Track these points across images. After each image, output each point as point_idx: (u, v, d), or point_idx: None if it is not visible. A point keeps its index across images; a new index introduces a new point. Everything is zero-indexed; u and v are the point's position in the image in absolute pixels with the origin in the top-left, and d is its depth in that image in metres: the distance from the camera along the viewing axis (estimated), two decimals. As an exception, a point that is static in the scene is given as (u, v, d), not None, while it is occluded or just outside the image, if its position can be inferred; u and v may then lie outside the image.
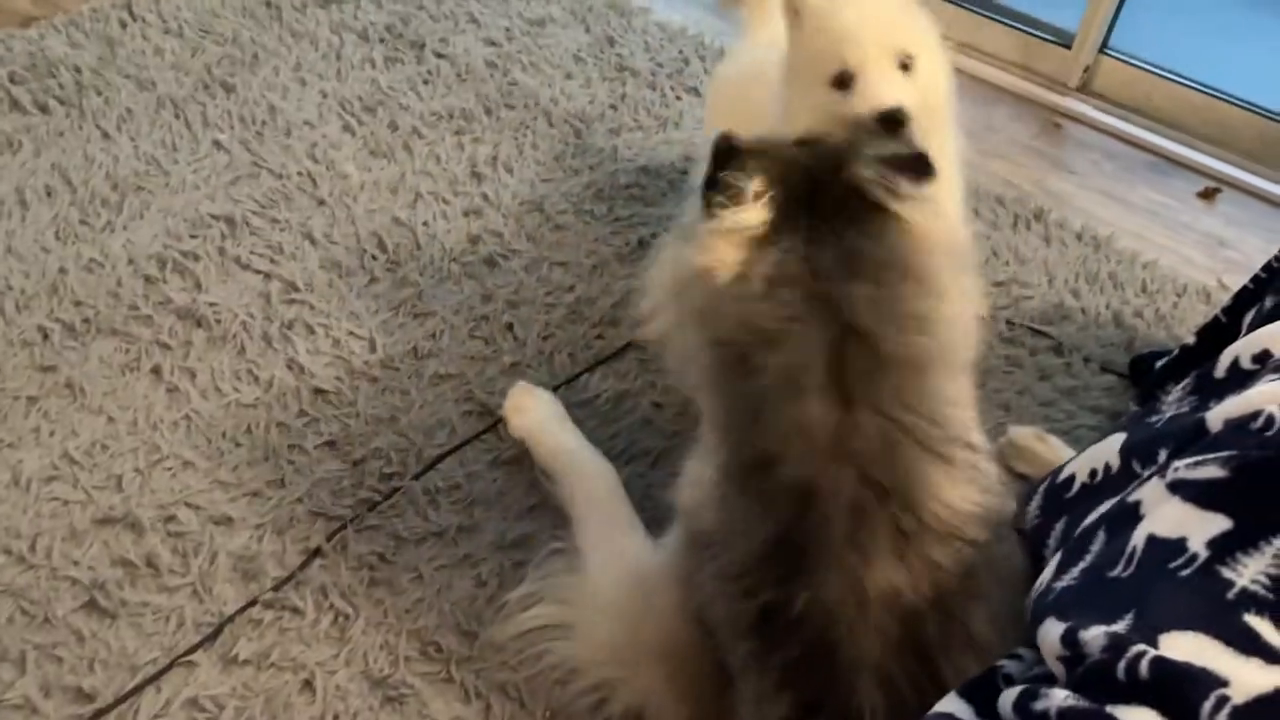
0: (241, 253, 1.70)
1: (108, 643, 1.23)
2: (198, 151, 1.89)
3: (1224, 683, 0.71)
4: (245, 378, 1.53)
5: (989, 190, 1.94)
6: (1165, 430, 0.99)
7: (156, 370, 1.52)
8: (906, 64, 1.28)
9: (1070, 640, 0.78)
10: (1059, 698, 0.74)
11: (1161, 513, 0.86)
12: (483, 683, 1.21)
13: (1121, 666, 0.73)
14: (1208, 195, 2.04)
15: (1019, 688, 0.78)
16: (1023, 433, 1.45)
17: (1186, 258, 1.89)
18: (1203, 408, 0.96)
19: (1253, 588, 0.77)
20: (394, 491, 1.39)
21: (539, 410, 1.44)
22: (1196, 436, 0.92)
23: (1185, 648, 0.74)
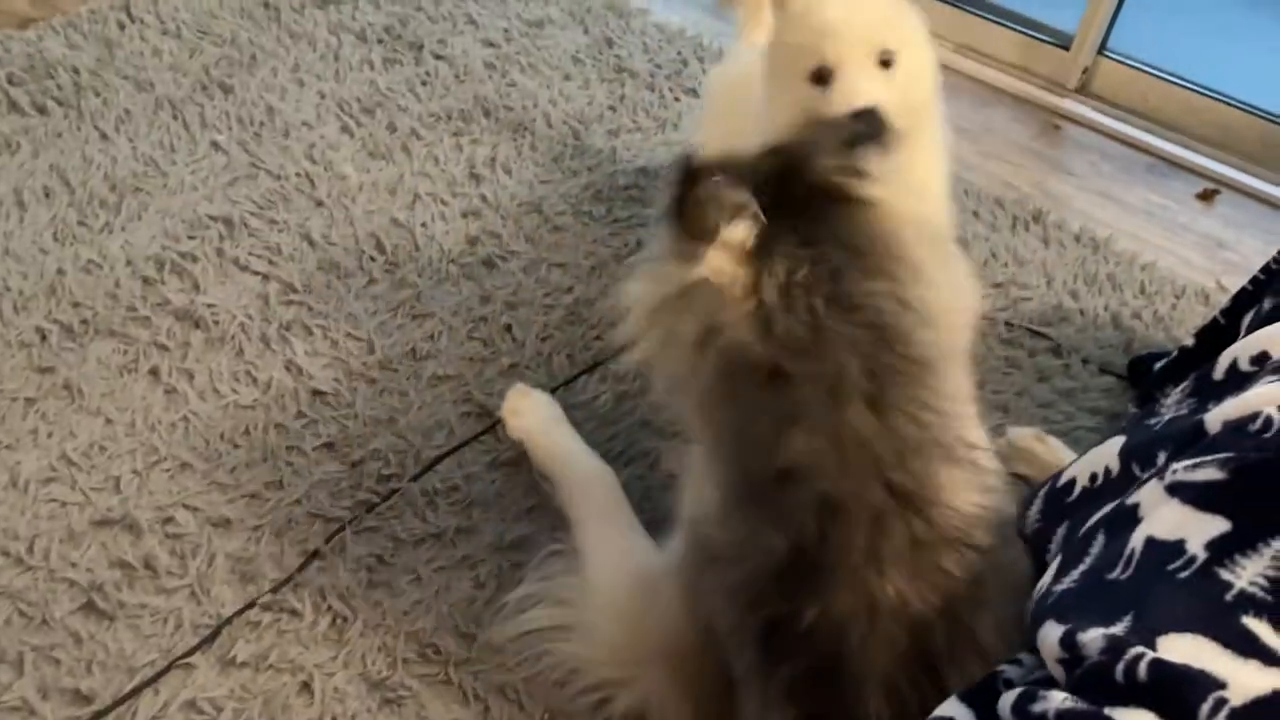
0: (240, 254, 1.70)
1: (105, 644, 1.22)
2: (196, 152, 1.89)
3: (1222, 685, 0.71)
4: (243, 379, 1.52)
5: (988, 192, 1.94)
6: (1164, 433, 0.99)
7: (154, 371, 1.52)
8: (888, 61, 1.27)
9: (1069, 643, 0.78)
10: (1057, 700, 0.74)
11: (1160, 515, 0.86)
12: (481, 684, 1.21)
13: (1120, 668, 0.73)
14: (1206, 197, 2.04)
15: (1018, 690, 0.78)
16: (1022, 434, 1.45)
17: (1185, 259, 1.89)
18: (1201, 410, 0.96)
19: (1251, 590, 0.76)
20: (392, 493, 1.39)
21: (537, 412, 1.44)
22: (1195, 438, 0.91)
23: (1183, 650, 0.74)
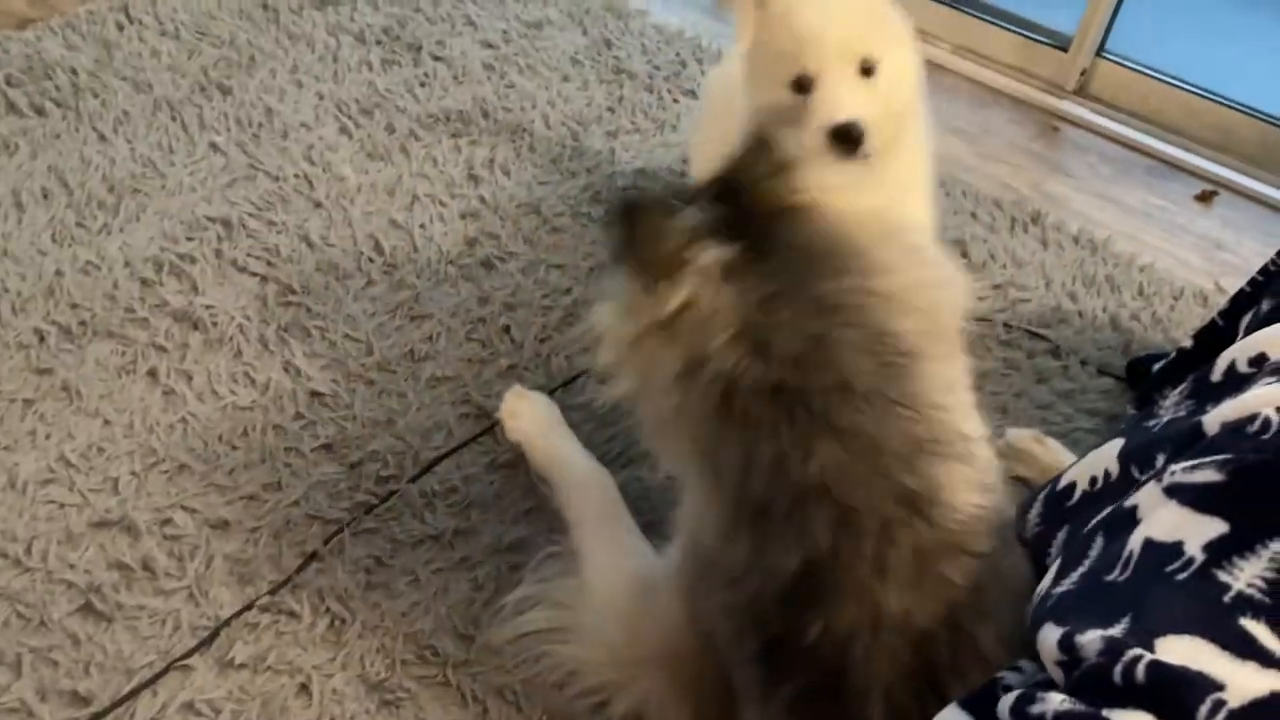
0: (238, 255, 1.70)
1: (104, 646, 1.22)
2: (194, 154, 1.89)
3: (1220, 686, 0.71)
4: (241, 380, 1.52)
5: (986, 193, 1.95)
6: (1163, 435, 0.99)
7: (153, 373, 1.52)
8: (869, 68, 1.26)
9: (1067, 644, 0.78)
10: (1055, 701, 0.74)
11: (1158, 517, 0.86)
12: (480, 686, 1.21)
13: (1118, 670, 0.73)
14: (1205, 198, 2.04)
15: (1016, 692, 0.78)
16: (1021, 435, 1.45)
17: (1183, 261, 1.89)
18: (1200, 411, 0.96)
19: (1249, 591, 0.76)
20: (391, 495, 1.39)
21: (535, 414, 1.44)
22: (1193, 440, 0.91)
23: (1181, 651, 0.74)
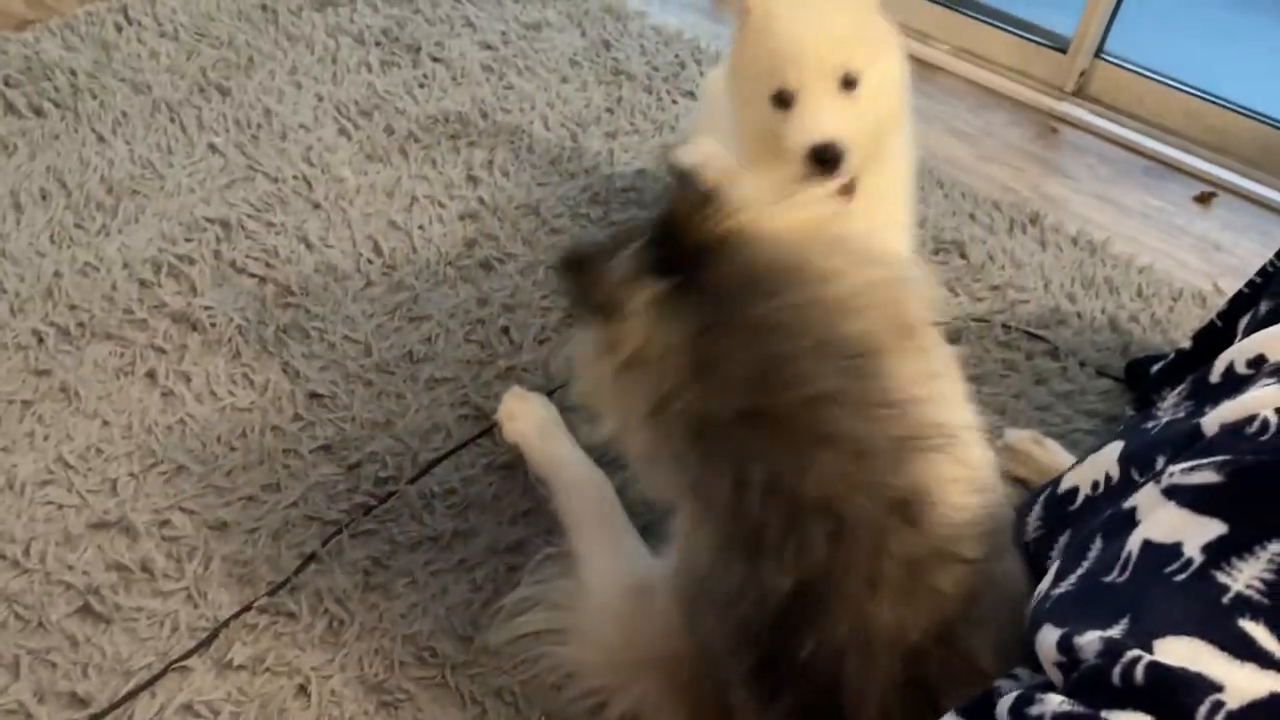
0: (237, 256, 1.70)
1: (102, 648, 1.22)
2: (193, 155, 1.89)
3: (1219, 688, 0.71)
4: (240, 382, 1.52)
5: (985, 194, 1.95)
6: (1162, 437, 0.99)
7: (151, 374, 1.52)
8: (852, 80, 1.25)
9: (1066, 646, 0.78)
10: (1054, 703, 0.74)
11: (1157, 518, 0.86)
12: (478, 688, 1.21)
13: (1117, 672, 0.73)
14: (1203, 200, 2.04)
15: (1015, 694, 0.78)
16: (1020, 436, 1.45)
17: (1182, 262, 1.89)
18: (1198, 413, 0.96)
19: (1247, 592, 0.76)
20: (389, 496, 1.39)
21: (533, 415, 1.44)
22: (1192, 441, 0.91)
23: (1180, 653, 0.74)
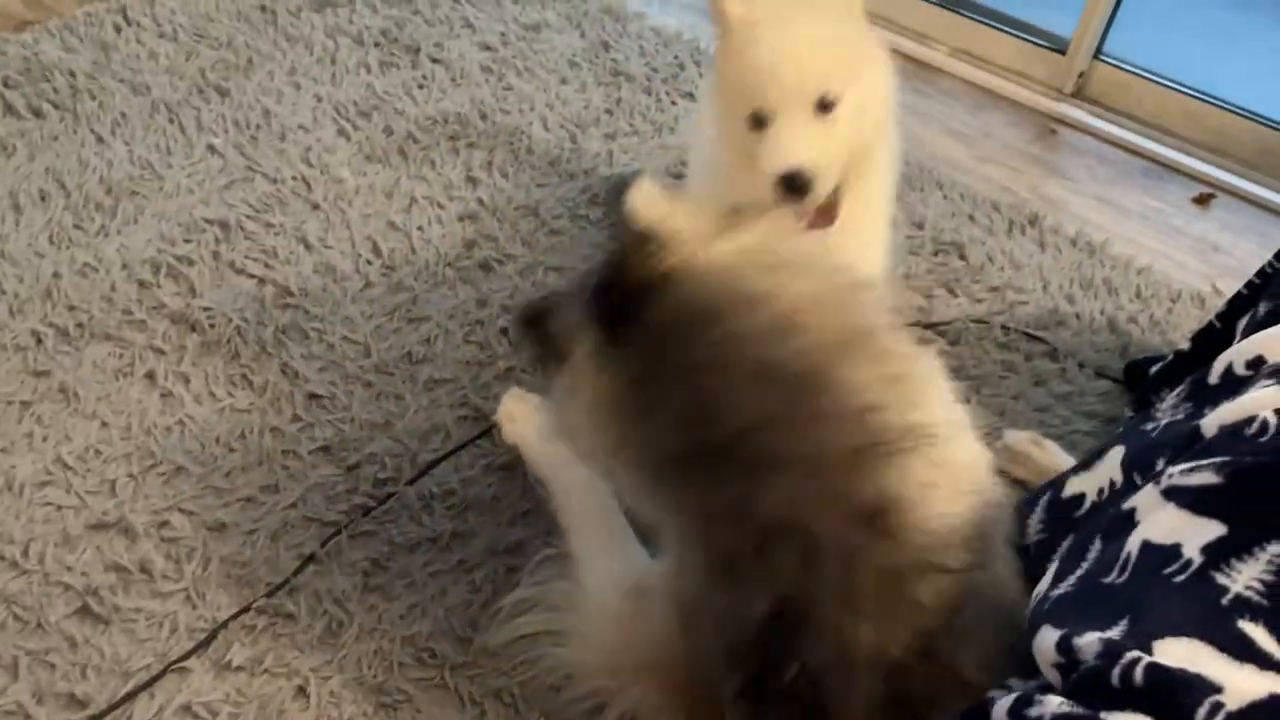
0: (236, 257, 1.70)
1: (101, 649, 1.22)
2: (192, 156, 1.89)
3: (1218, 689, 0.71)
4: (239, 383, 1.52)
5: (984, 196, 1.95)
6: (1161, 439, 0.99)
7: (150, 375, 1.52)
8: (829, 104, 1.24)
9: (1065, 647, 0.78)
10: (1053, 704, 0.74)
11: (1156, 519, 0.86)
12: (477, 689, 1.21)
13: (1116, 673, 0.73)
14: (1202, 201, 2.04)
15: (1014, 695, 0.78)
16: (1019, 437, 1.45)
17: (1181, 263, 1.89)
18: (1197, 414, 0.96)
19: (1246, 593, 0.77)
20: (388, 497, 1.39)
21: (532, 417, 1.43)
22: (1191, 443, 0.92)
23: (1179, 654, 0.74)
